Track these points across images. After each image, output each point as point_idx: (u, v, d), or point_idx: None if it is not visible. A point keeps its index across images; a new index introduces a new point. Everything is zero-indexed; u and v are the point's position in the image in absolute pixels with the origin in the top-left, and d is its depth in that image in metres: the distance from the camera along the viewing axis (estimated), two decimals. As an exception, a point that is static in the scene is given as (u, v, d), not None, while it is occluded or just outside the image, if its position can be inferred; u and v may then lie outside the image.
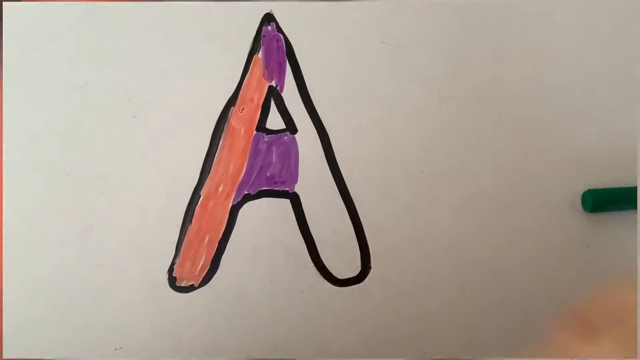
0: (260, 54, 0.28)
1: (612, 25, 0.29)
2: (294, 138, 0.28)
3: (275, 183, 0.27)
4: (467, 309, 0.28)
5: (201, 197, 0.27)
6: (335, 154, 0.28)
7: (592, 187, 0.28)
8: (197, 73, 0.27)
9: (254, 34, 0.28)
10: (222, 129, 0.27)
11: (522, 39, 0.29)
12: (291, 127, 0.28)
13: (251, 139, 0.28)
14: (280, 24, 0.28)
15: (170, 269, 0.27)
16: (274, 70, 0.28)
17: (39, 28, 0.27)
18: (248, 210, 0.27)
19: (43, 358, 0.26)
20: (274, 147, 0.28)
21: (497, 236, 0.28)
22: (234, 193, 0.27)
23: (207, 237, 0.27)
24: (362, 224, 0.28)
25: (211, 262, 0.27)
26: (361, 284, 0.27)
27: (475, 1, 0.29)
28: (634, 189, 0.28)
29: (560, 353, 0.23)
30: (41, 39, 0.27)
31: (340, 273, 0.27)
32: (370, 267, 0.27)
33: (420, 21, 0.29)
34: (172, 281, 0.27)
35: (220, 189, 0.27)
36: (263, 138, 0.28)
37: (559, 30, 0.29)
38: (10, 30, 0.27)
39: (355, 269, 0.27)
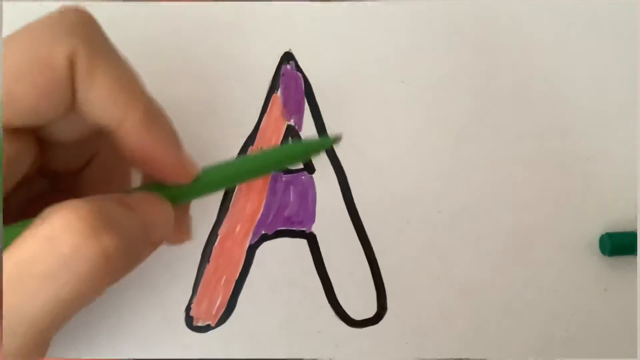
0: (279, 93, 0.28)
1: (631, 67, 0.29)
2: (312, 178, 0.28)
3: (293, 223, 0.27)
4: (484, 352, 0.27)
5: (219, 237, 0.27)
6: (353, 194, 0.28)
7: (610, 229, 0.28)
8: (215, 112, 0.27)
9: (272, 73, 0.28)
10: (240, 169, 0.27)
11: (542, 79, 0.29)
12: (309, 166, 0.28)
13: (269, 179, 0.28)
14: (300, 63, 0.28)
15: (188, 309, 0.27)
16: (292, 109, 0.28)
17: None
18: (265, 250, 0.27)
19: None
20: (291, 187, 0.28)
21: (513, 278, 0.28)
22: (251, 233, 0.27)
23: (224, 277, 0.27)
24: (379, 265, 0.28)
25: (228, 302, 0.27)
26: (377, 325, 0.27)
27: (495, 42, 0.29)
28: (653, 232, 0.28)
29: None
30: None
31: (356, 314, 0.27)
32: (386, 309, 0.27)
33: (440, 61, 0.28)
34: (189, 320, 0.27)
35: (237, 229, 0.27)
36: (281, 178, 0.28)
37: (579, 71, 0.29)
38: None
39: (371, 311, 0.27)
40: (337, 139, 0.22)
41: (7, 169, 0.17)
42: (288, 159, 0.22)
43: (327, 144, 0.23)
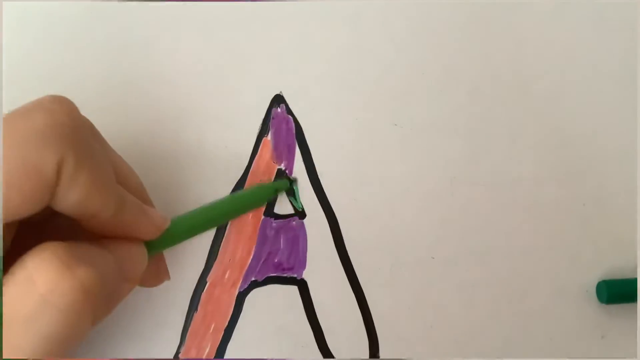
0: (269, 136, 0.27)
1: (630, 111, 0.28)
2: (303, 223, 0.27)
3: (283, 270, 0.27)
4: (478, 403, 0.27)
5: (207, 284, 0.27)
6: (345, 240, 0.27)
7: (608, 276, 0.28)
8: (204, 155, 0.27)
9: (263, 116, 0.27)
10: (230, 214, 0.27)
11: (539, 120, 0.28)
12: (300, 212, 0.27)
13: (259, 224, 0.27)
14: (290, 106, 0.28)
15: (175, 357, 0.26)
16: (283, 152, 0.27)
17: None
18: (255, 297, 0.27)
19: None
20: (282, 233, 0.27)
21: (508, 325, 0.27)
22: (241, 279, 0.27)
23: (213, 325, 0.27)
24: (371, 311, 0.27)
25: (217, 350, 0.26)
26: (369, 374, 0.27)
27: (491, 83, 0.28)
28: (652, 280, 0.27)
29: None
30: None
31: (348, 362, 0.27)
32: (379, 358, 0.27)
33: (434, 103, 0.28)
34: (177, 369, 0.26)
35: (226, 276, 0.27)
36: (271, 223, 0.27)
37: (579, 110, 0.28)
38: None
39: (363, 358, 0.27)
40: (294, 181, 0.27)
41: None
42: (251, 203, 0.26)
43: (284, 185, 0.27)
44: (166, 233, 0.21)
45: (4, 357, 0.16)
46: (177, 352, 0.26)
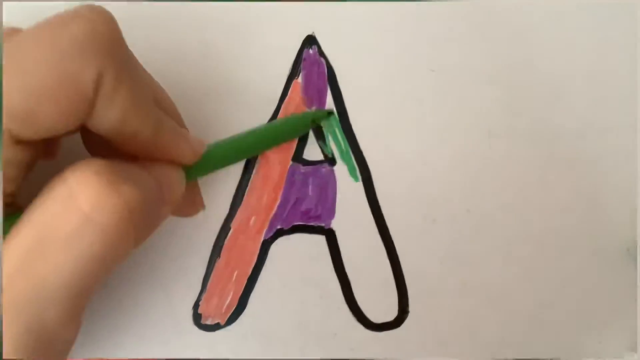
0: (299, 79, 0.26)
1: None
2: (332, 170, 0.26)
3: (310, 218, 0.26)
4: (511, 362, 0.26)
5: (231, 230, 0.25)
6: (376, 190, 0.26)
7: (649, 236, 0.26)
8: (232, 97, 0.26)
9: (293, 57, 0.26)
10: (257, 158, 0.26)
11: (583, 72, 0.27)
12: (330, 158, 0.26)
13: (287, 170, 0.26)
14: (323, 48, 0.26)
15: (196, 305, 0.25)
16: (313, 97, 0.26)
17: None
18: (280, 246, 0.26)
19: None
20: (310, 179, 0.26)
21: (543, 285, 0.26)
22: (266, 227, 0.26)
23: (236, 273, 0.25)
24: (402, 266, 0.26)
25: (239, 300, 0.25)
26: (397, 329, 0.26)
27: (533, 31, 0.27)
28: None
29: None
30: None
31: (375, 317, 0.26)
32: (408, 312, 0.26)
33: (473, 49, 0.27)
34: (197, 318, 0.25)
35: (251, 222, 0.26)
36: (299, 169, 0.26)
37: (624, 66, 0.27)
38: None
39: (392, 314, 0.26)
40: (333, 113, 0.26)
41: (11, 170, 0.17)
42: (287, 132, 0.25)
43: (323, 115, 0.26)
44: (202, 159, 0.21)
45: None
46: (198, 300, 0.25)
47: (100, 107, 0.16)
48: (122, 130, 0.17)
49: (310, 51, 0.26)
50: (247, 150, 0.24)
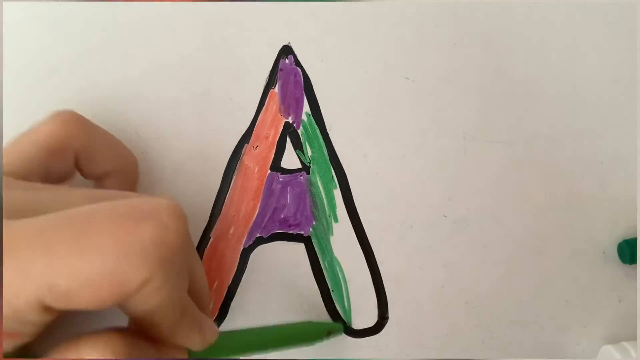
0: (276, 89, 0.26)
1: (650, 65, 0.27)
2: (310, 179, 0.26)
3: (290, 226, 0.26)
4: (490, 365, 0.26)
5: (211, 239, 0.26)
6: (354, 196, 0.26)
7: (625, 236, 0.27)
8: (209, 108, 0.26)
9: (270, 67, 0.26)
10: (235, 168, 0.26)
11: (555, 77, 0.27)
12: (307, 166, 0.26)
13: (265, 179, 0.26)
14: (299, 57, 0.27)
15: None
16: (290, 105, 0.26)
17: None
18: (260, 254, 0.26)
19: None
20: (288, 188, 0.26)
21: (522, 287, 0.27)
22: (246, 236, 0.26)
23: (216, 282, 0.26)
24: (380, 271, 0.26)
25: (220, 308, 0.25)
26: (378, 335, 0.26)
27: (506, 37, 0.27)
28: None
29: None
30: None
31: (355, 323, 0.26)
32: (387, 318, 0.26)
33: (447, 57, 0.27)
34: (178, 328, 0.25)
35: (231, 231, 0.26)
36: (278, 178, 0.26)
37: (595, 69, 0.27)
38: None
39: (371, 320, 0.26)
40: (349, 324, 0.26)
41: (31, 329, 0.17)
42: (300, 339, 0.24)
43: (338, 328, 0.25)
44: (211, 347, 0.20)
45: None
46: (179, 309, 0.25)
47: (133, 301, 0.16)
48: (143, 318, 0.17)
49: (287, 61, 0.27)
50: (256, 347, 0.23)
